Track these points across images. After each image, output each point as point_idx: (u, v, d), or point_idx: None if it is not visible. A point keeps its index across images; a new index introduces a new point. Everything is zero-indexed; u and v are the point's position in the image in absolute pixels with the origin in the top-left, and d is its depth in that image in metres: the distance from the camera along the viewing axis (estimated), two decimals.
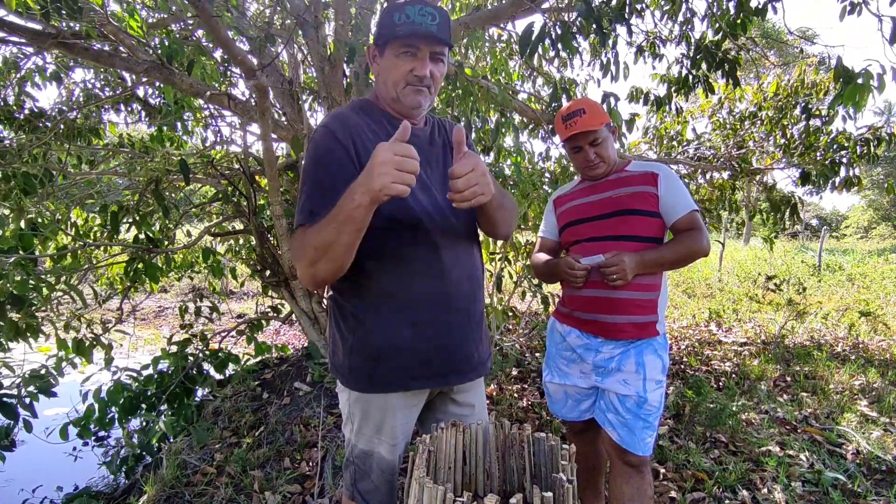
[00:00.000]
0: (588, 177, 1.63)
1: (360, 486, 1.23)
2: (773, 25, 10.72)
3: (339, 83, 2.99)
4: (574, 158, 1.62)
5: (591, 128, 1.50)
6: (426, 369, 1.15)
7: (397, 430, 1.19)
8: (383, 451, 1.19)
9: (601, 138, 1.54)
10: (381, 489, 1.22)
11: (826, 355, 4.14)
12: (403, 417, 1.19)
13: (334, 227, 0.94)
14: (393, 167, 0.86)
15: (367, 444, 1.20)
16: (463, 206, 0.97)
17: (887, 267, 10.01)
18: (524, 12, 2.69)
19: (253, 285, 8.50)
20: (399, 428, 1.19)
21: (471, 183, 0.96)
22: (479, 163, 0.98)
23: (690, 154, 4.72)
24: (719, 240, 11.22)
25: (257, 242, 3.29)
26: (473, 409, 1.30)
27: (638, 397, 1.47)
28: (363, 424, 1.20)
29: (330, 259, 0.98)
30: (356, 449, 1.22)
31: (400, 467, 1.27)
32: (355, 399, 1.19)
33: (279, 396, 3.02)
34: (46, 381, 2.64)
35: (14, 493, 2.75)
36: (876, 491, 2.20)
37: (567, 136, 1.55)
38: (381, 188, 0.87)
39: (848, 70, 2.45)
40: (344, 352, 1.18)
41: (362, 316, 1.14)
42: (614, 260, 1.42)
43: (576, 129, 1.51)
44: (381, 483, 1.22)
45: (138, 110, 3.89)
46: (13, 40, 2.64)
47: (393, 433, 1.18)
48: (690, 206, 1.48)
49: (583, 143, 1.55)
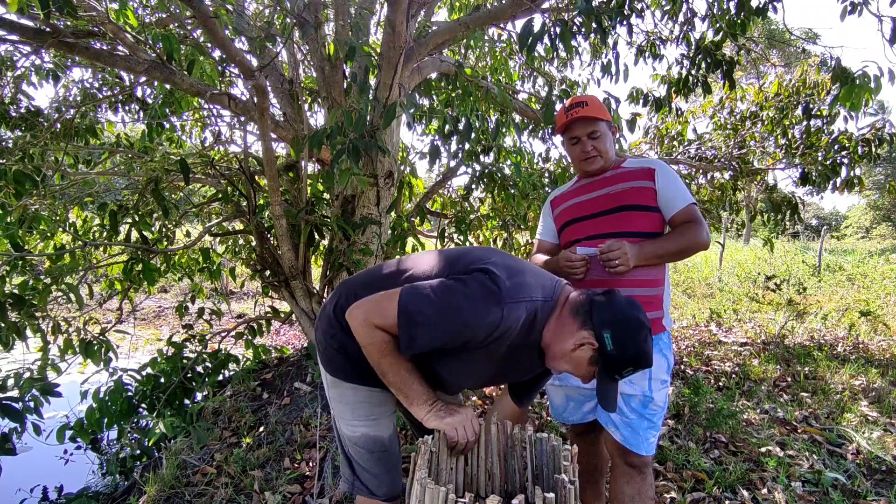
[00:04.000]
0: (584, 172, 1.62)
1: (362, 478, 1.28)
2: (776, 26, 10.71)
3: (339, 83, 2.99)
4: (571, 150, 1.62)
5: (591, 115, 1.51)
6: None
7: (372, 407, 1.25)
8: (365, 429, 1.25)
9: (600, 132, 1.54)
10: (375, 472, 1.26)
11: (826, 355, 4.14)
12: (377, 398, 1.25)
13: (395, 387, 1.10)
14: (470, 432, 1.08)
15: (349, 430, 1.26)
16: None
17: (887, 267, 10.01)
18: (524, 12, 2.69)
19: (253, 285, 8.50)
20: (374, 406, 1.25)
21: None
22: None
23: (691, 154, 4.72)
24: (719, 240, 11.23)
25: (257, 242, 3.28)
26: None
27: (643, 397, 1.46)
28: (341, 407, 1.27)
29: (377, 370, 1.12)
30: (344, 439, 1.29)
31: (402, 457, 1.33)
32: (331, 383, 1.28)
33: (279, 396, 3.01)
34: (46, 382, 2.64)
35: (12, 493, 2.74)
36: (876, 491, 2.20)
37: (567, 121, 1.55)
38: (445, 429, 1.07)
39: (846, 71, 2.46)
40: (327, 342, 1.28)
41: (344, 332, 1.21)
42: (615, 244, 1.41)
43: (576, 115, 1.52)
44: (374, 465, 1.26)
45: (136, 110, 3.89)
46: (11, 39, 2.64)
47: (368, 413, 1.25)
48: (688, 200, 1.48)
49: (581, 133, 1.55)
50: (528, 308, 1.08)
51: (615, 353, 1.04)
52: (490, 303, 1.03)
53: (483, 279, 1.06)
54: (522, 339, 1.11)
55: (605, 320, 1.06)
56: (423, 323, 1.02)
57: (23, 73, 3.29)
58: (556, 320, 1.12)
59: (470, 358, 1.11)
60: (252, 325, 3.63)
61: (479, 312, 1.02)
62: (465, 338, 1.04)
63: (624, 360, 1.05)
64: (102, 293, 4.07)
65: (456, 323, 1.02)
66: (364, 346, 1.10)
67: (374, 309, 1.08)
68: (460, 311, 1.03)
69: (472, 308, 1.03)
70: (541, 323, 1.12)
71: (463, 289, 1.05)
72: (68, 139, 3.33)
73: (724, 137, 4.66)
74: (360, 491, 1.27)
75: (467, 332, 1.03)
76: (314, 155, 3.30)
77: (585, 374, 1.10)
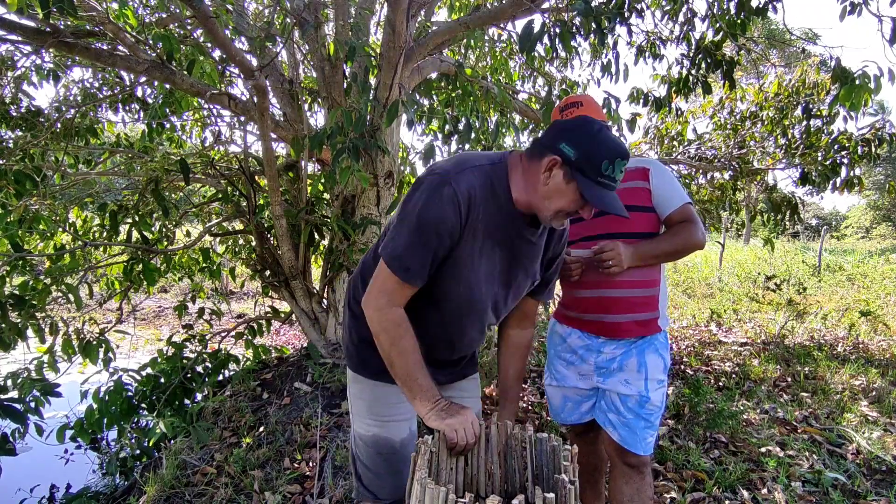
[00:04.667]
0: None
1: (365, 481, 1.28)
2: (776, 26, 10.71)
3: (339, 83, 2.99)
4: None
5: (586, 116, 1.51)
6: None
7: (388, 407, 1.25)
8: (377, 429, 1.25)
9: None
10: (380, 473, 1.26)
11: (826, 355, 4.14)
12: (394, 397, 1.24)
13: (401, 379, 1.11)
14: (470, 434, 1.07)
15: (361, 427, 1.27)
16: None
17: (887, 267, 10.02)
18: (524, 12, 2.69)
19: (253, 285, 8.50)
20: (391, 406, 1.25)
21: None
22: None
23: (691, 154, 4.72)
24: (719, 240, 11.22)
25: (257, 242, 3.28)
26: (473, 399, 1.40)
27: (640, 397, 1.46)
28: (359, 404, 1.27)
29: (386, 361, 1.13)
30: (356, 437, 1.29)
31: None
32: (352, 378, 1.29)
33: (279, 396, 3.01)
34: (47, 383, 2.64)
35: (11, 493, 2.75)
36: (876, 491, 2.20)
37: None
38: (444, 430, 1.06)
39: (846, 71, 2.46)
40: (350, 335, 1.30)
41: (360, 311, 1.21)
42: (607, 245, 1.41)
43: (571, 117, 1.51)
44: (380, 466, 1.25)
45: (137, 110, 3.89)
46: (12, 39, 2.64)
47: (381, 412, 1.25)
48: (684, 199, 1.48)
49: None
50: (476, 173, 1.08)
51: (580, 155, 1.02)
52: (439, 188, 1.04)
53: (423, 180, 1.08)
54: (497, 209, 1.10)
55: (554, 135, 1.07)
56: (404, 251, 1.05)
57: (23, 73, 3.29)
58: (518, 174, 1.11)
59: (470, 257, 1.10)
60: (252, 325, 3.63)
61: (433, 202, 1.03)
62: (442, 232, 1.04)
63: (592, 158, 1.02)
64: (102, 293, 4.07)
65: (424, 225, 1.03)
66: (377, 335, 1.11)
67: (375, 289, 1.11)
68: (421, 215, 1.04)
69: (427, 204, 1.03)
70: (501, 184, 1.10)
71: (412, 200, 1.06)
72: (68, 139, 3.33)
73: (724, 137, 4.66)
74: (363, 497, 1.27)
75: (441, 227, 1.03)
76: (314, 155, 3.30)
77: (574, 197, 1.06)
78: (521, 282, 1.23)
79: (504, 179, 1.11)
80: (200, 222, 4.44)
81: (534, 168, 1.08)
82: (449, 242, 1.06)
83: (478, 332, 1.26)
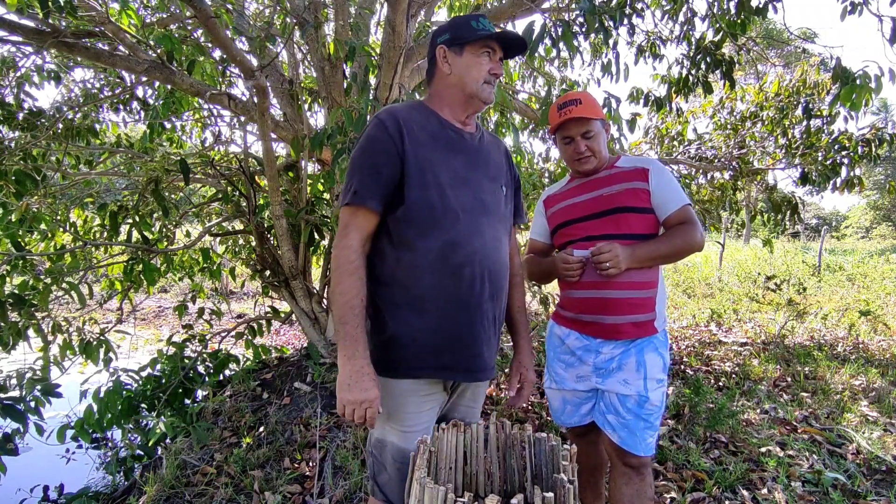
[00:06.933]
0: (578, 171, 1.61)
1: (379, 480, 1.27)
2: (775, 26, 10.71)
3: (339, 83, 2.99)
4: (564, 150, 1.61)
5: (584, 115, 1.49)
6: (434, 360, 1.19)
7: (409, 417, 1.21)
8: (395, 438, 1.22)
9: (594, 132, 1.53)
10: (394, 479, 1.24)
11: (826, 355, 4.14)
12: (415, 406, 1.21)
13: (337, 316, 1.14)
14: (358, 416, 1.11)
15: (380, 432, 1.25)
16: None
17: (887, 267, 10.01)
18: (524, 12, 2.69)
19: (253, 285, 8.50)
20: (411, 415, 1.21)
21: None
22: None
23: (691, 154, 4.72)
24: (719, 240, 11.23)
25: (257, 242, 3.29)
26: (477, 410, 1.38)
27: (639, 397, 1.45)
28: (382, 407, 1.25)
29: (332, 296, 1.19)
30: (372, 438, 1.27)
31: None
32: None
33: (279, 396, 3.01)
34: (48, 383, 2.64)
35: (11, 493, 2.75)
36: (876, 491, 2.20)
37: (560, 121, 1.54)
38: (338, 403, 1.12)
39: (846, 71, 2.46)
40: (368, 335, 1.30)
41: (379, 303, 1.22)
42: (606, 246, 1.41)
43: (569, 115, 1.50)
44: (394, 473, 1.24)
45: (137, 110, 3.90)
46: (13, 39, 2.64)
47: (403, 420, 1.21)
48: (683, 201, 1.47)
49: (574, 133, 1.54)
50: (398, 107, 1.25)
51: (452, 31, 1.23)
52: (367, 128, 1.22)
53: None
54: (426, 121, 1.23)
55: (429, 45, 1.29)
56: (349, 181, 1.18)
57: (24, 74, 3.30)
58: (434, 98, 1.29)
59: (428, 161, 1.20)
60: (252, 325, 3.64)
61: (364, 137, 1.20)
62: (378, 150, 1.16)
63: (461, 26, 1.22)
64: (102, 293, 4.07)
65: (361, 155, 1.18)
66: (332, 273, 1.18)
67: (337, 232, 1.21)
68: (357, 149, 1.20)
69: (361, 141, 1.21)
70: (424, 107, 1.27)
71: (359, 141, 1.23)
72: (69, 139, 3.34)
73: (724, 137, 4.66)
74: (376, 495, 1.26)
75: (375, 146, 1.16)
76: (314, 155, 3.30)
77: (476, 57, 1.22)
78: (492, 188, 1.31)
79: (425, 105, 1.28)
80: (200, 222, 4.45)
81: (436, 78, 1.27)
82: (391, 159, 1.16)
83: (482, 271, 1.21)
